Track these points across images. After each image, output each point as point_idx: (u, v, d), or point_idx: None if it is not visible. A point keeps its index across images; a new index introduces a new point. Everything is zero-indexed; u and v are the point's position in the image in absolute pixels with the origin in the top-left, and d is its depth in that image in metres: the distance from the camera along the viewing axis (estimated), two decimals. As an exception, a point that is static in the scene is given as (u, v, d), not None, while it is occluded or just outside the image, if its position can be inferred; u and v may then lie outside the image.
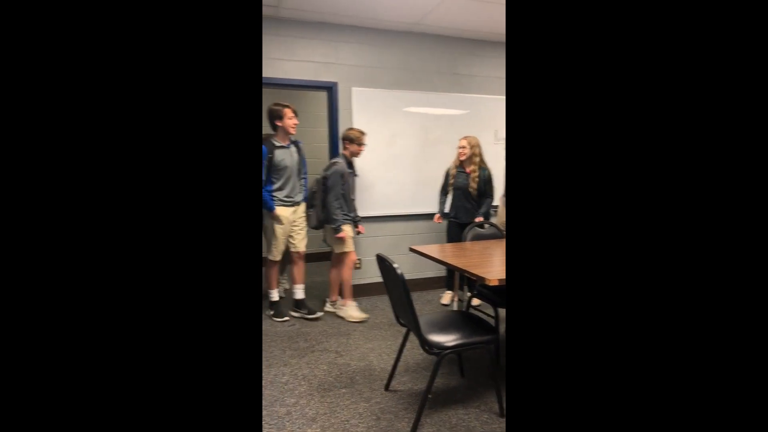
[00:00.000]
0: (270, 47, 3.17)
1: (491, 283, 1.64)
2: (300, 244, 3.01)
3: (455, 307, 3.29)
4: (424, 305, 3.35)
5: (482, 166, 3.15)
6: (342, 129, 3.35)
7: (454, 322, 1.91)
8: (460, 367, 2.24)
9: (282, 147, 2.85)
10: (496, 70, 3.83)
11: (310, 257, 3.53)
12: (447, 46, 3.63)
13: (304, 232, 3.03)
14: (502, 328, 2.74)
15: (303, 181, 3.04)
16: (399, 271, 1.66)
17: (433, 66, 3.61)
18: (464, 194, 3.17)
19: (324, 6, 2.98)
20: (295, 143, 2.97)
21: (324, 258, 4.25)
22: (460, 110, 3.71)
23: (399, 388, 2.09)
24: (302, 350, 2.52)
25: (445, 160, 3.46)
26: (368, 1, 2.90)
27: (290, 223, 2.93)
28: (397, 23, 3.33)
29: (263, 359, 2.41)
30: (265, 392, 2.05)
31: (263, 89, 3.32)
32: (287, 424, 1.79)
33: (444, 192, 3.33)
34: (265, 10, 3.03)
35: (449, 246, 2.52)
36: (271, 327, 2.90)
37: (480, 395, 2.00)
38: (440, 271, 3.69)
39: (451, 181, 3.24)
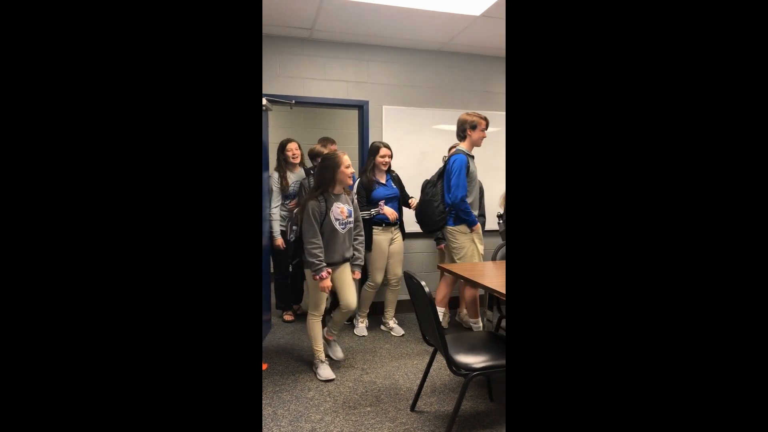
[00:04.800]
0: (304, 68, 3.27)
1: (522, 304, 1.59)
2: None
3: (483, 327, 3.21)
4: (455, 323, 3.29)
5: None
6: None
7: (482, 343, 1.86)
8: (489, 391, 2.17)
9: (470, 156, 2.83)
10: (527, 87, 3.80)
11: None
12: (478, 64, 3.64)
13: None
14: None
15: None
16: (427, 290, 1.65)
17: (464, 84, 3.63)
18: None
19: (356, 27, 3.07)
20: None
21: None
22: (493, 128, 3.68)
23: (425, 409, 2.04)
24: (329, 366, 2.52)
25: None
26: (398, 22, 2.97)
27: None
28: (428, 43, 3.37)
29: (290, 374, 2.42)
30: (291, 407, 2.05)
31: (298, 107, 3.43)
32: (312, 440, 1.78)
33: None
34: (299, 33, 3.15)
35: (478, 265, 2.48)
36: (298, 342, 2.91)
37: (509, 421, 1.93)
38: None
39: None
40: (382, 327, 3.16)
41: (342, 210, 2.31)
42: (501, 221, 3.27)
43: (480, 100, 3.65)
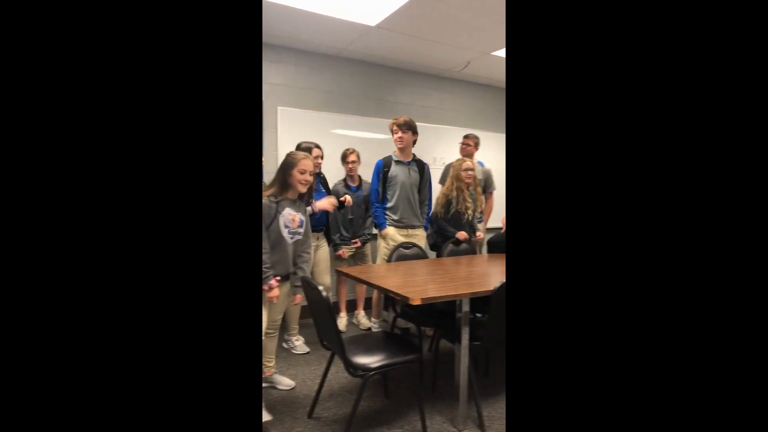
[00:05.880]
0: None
1: (414, 302, 1.68)
2: None
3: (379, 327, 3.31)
4: (352, 327, 3.32)
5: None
6: (266, 147, 3.28)
7: (378, 343, 1.92)
8: (385, 388, 2.24)
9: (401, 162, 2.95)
10: (420, 98, 4.03)
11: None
12: (373, 72, 3.76)
13: None
14: (426, 346, 2.81)
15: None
16: (324, 294, 1.65)
17: (360, 90, 3.71)
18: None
19: (250, 24, 2.94)
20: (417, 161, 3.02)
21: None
22: (386, 135, 3.82)
23: (323, 414, 2.03)
24: (219, 381, 2.36)
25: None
26: (296, 24, 2.93)
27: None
28: (325, 47, 3.38)
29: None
30: (175, 430, 1.87)
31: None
32: (200, 463, 1.65)
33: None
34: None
35: (374, 267, 2.55)
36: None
37: (404, 415, 2.02)
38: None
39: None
40: (284, 345, 2.85)
41: (294, 218, 2.02)
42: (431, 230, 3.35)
43: (375, 108, 3.77)
